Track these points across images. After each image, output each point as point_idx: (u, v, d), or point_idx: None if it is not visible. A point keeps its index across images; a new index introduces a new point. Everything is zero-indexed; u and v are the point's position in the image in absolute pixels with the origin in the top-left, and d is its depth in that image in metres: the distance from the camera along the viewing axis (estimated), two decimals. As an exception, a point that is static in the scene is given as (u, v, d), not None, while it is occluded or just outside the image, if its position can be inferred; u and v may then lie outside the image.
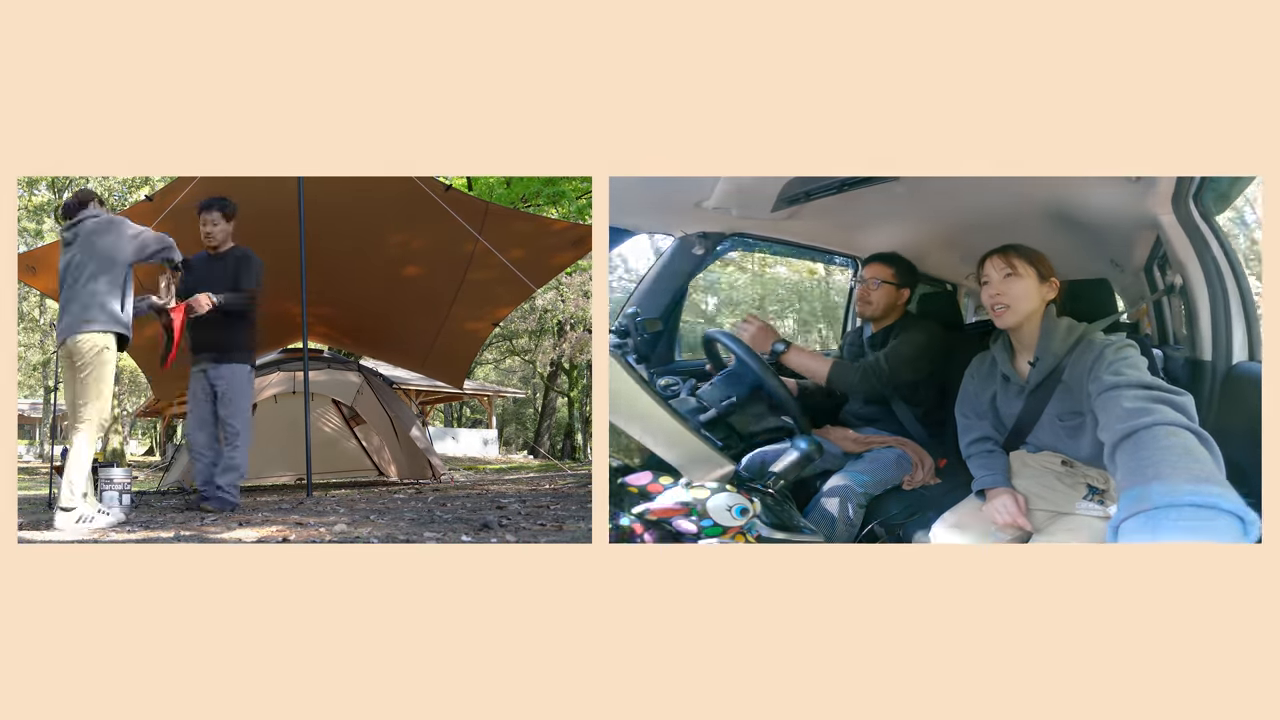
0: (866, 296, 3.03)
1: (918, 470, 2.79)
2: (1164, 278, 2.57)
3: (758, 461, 2.13)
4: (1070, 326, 2.17)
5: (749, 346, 2.66)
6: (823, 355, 3.13)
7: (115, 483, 3.50)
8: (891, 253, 3.09)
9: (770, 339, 2.87)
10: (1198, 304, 2.38)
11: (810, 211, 3.15)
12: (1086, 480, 2.11)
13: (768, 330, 2.91)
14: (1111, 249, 2.76)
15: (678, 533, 1.76)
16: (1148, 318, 2.72)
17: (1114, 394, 1.82)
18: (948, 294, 3.71)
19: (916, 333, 2.91)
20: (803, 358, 2.93)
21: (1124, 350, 1.98)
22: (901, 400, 3.00)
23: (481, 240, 5.40)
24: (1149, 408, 1.70)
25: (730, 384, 2.57)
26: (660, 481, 1.79)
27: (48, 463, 6.35)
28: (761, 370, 2.54)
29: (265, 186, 5.03)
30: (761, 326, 2.92)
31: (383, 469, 7.90)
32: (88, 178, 13.68)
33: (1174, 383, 1.86)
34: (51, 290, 5.53)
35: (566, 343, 16.93)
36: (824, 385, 2.92)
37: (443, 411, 23.75)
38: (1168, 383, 1.82)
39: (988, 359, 2.42)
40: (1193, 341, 2.42)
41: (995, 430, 2.38)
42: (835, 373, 2.87)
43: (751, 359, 2.55)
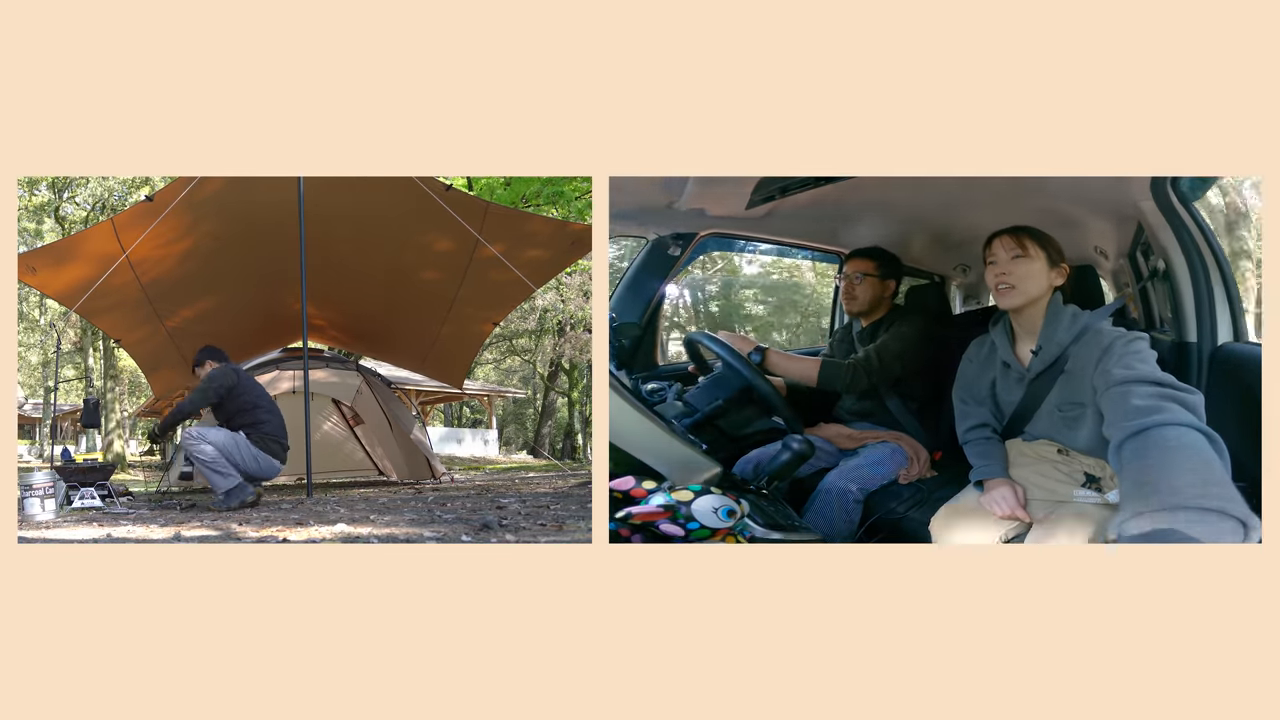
0: (851, 292, 3.01)
1: (913, 464, 2.79)
2: (1147, 263, 2.58)
3: (751, 464, 2.12)
4: (1075, 314, 2.12)
5: (730, 347, 2.63)
6: (804, 357, 3.09)
7: (35, 488, 3.57)
8: (872, 247, 3.07)
9: (745, 347, 2.79)
10: (1181, 288, 2.39)
11: (788, 208, 3.14)
12: (1084, 468, 2.09)
13: (737, 339, 2.83)
14: (1094, 237, 2.77)
15: (664, 536, 1.74)
16: (1134, 303, 2.72)
17: (1123, 389, 1.78)
18: (935, 285, 3.70)
19: (905, 326, 2.90)
20: (785, 362, 2.87)
21: (1135, 344, 1.93)
22: (895, 395, 2.99)
23: (481, 240, 5.40)
24: (1159, 405, 1.67)
25: (716, 386, 2.56)
26: (643, 485, 1.78)
27: (48, 463, 6.35)
28: (748, 371, 2.53)
29: (266, 186, 5.04)
30: (727, 337, 2.80)
31: (383, 469, 7.91)
32: (87, 178, 13.69)
33: (1162, 367, 1.84)
34: (52, 290, 5.54)
35: (567, 343, 16.93)
36: (815, 387, 2.89)
37: (443, 411, 23.75)
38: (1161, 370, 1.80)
39: (986, 343, 2.38)
40: (1178, 325, 2.41)
41: (993, 417, 2.34)
42: (826, 373, 2.85)
43: (736, 360, 2.53)
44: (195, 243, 5.57)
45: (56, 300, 5.89)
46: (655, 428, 1.98)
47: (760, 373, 2.61)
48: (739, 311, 5.79)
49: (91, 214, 15.19)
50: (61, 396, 21.75)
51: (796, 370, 2.89)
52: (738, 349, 2.69)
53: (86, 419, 4.50)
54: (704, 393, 2.62)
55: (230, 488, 3.91)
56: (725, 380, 2.52)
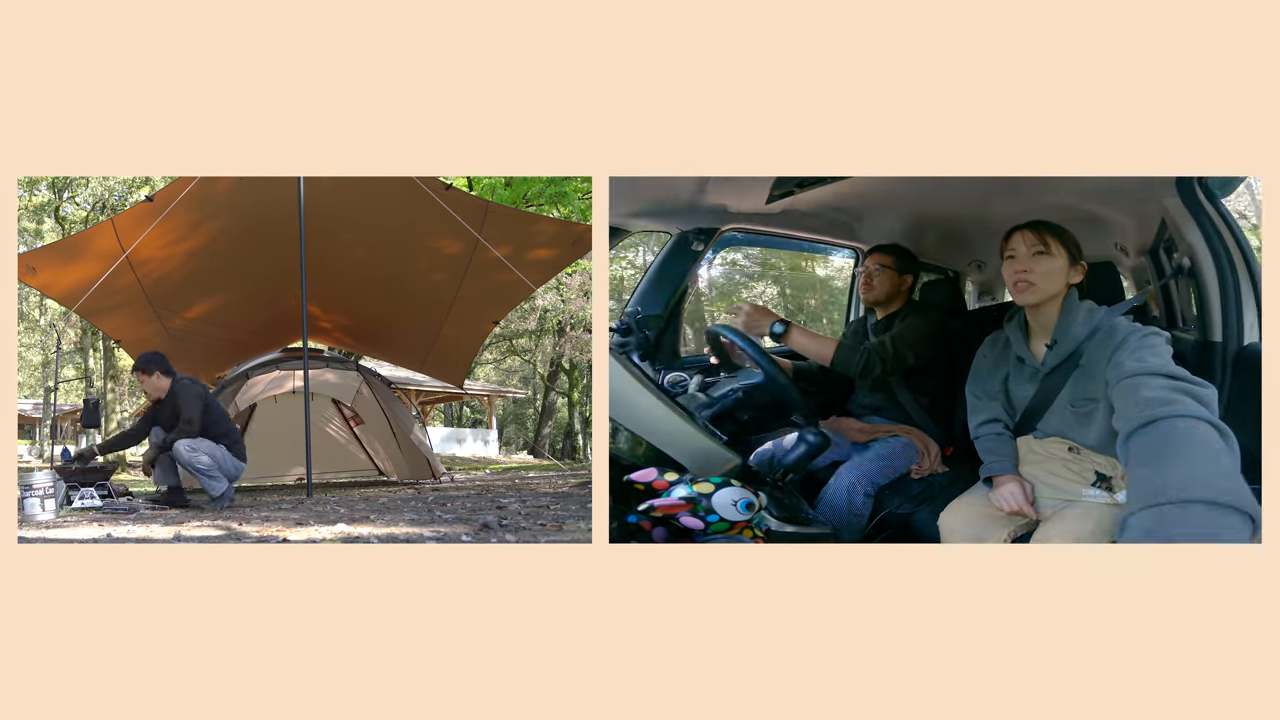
0: (869, 283, 3.07)
1: (924, 458, 2.80)
2: (1170, 261, 2.53)
3: (767, 455, 2.13)
4: (1091, 310, 2.11)
5: (753, 341, 2.65)
6: (823, 336, 3.11)
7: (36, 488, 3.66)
8: (892, 244, 3.12)
9: (767, 319, 2.84)
10: (1207, 286, 2.33)
11: (806, 204, 3.17)
12: (1095, 467, 2.08)
13: (762, 311, 2.88)
14: (1116, 234, 2.75)
15: (685, 529, 1.76)
16: (1155, 301, 2.69)
17: (1135, 381, 1.76)
18: (949, 280, 3.73)
19: (919, 318, 2.92)
20: (805, 339, 2.88)
21: (1149, 338, 1.91)
22: (906, 389, 3.01)
23: (481, 240, 5.40)
24: (1170, 398, 1.65)
25: (737, 379, 2.57)
26: (665, 478, 1.79)
27: (48, 463, 6.35)
28: (768, 365, 2.53)
29: (266, 186, 5.04)
30: (753, 309, 2.88)
31: (383, 469, 7.91)
32: (87, 178, 13.69)
33: (1185, 366, 1.81)
34: (52, 290, 5.54)
35: (567, 343, 16.93)
36: (828, 366, 2.90)
37: (443, 411, 23.76)
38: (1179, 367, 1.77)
39: (1001, 338, 2.37)
40: (1203, 324, 2.37)
41: (1005, 413, 2.33)
42: (840, 356, 2.85)
43: (755, 352, 2.54)
44: (198, 243, 5.57)
45: (57, 300, 5.89)
46: (678, 418, 1.99)
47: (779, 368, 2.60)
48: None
49: (91, 214, 15.20)
50: (62, 396, 21.76)
51: (814, 347, 2.90)
52: (760, 320, 2.75)
53: (86, 419, 4.52)
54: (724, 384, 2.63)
55: (223, 491, 4.28)
56: (745, 372, 2.53)
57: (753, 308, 2.88)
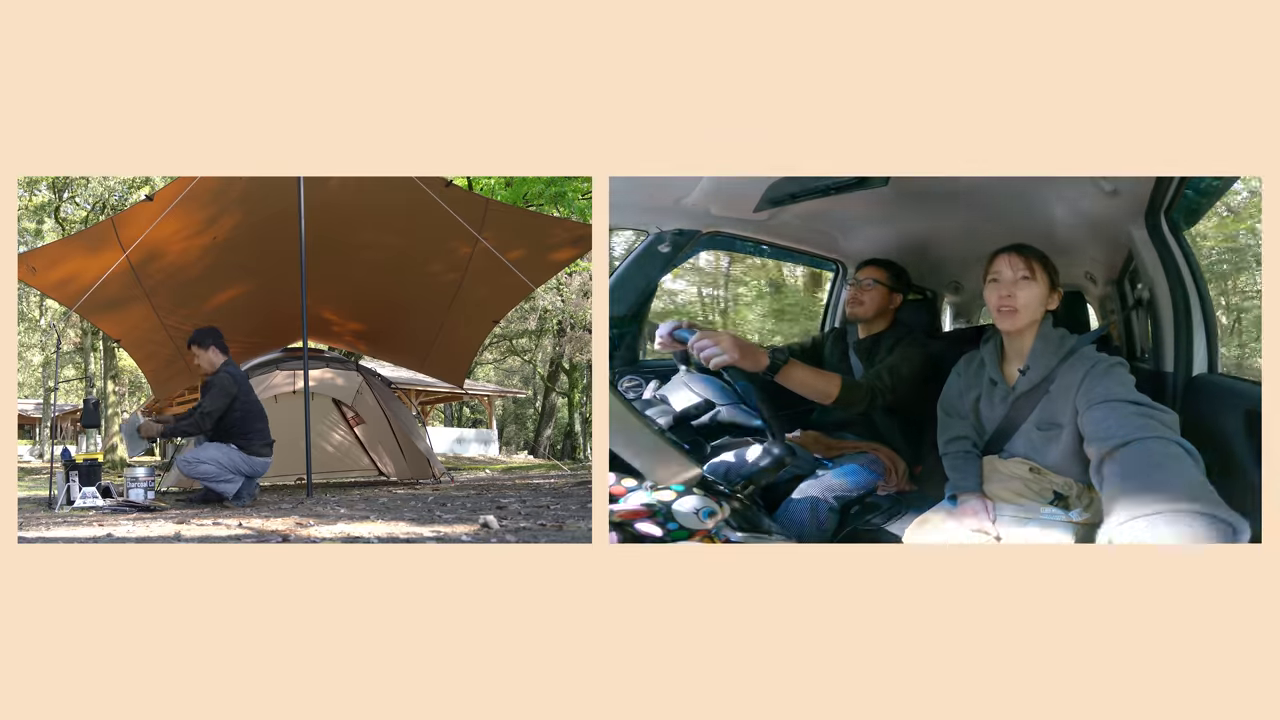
0: (859, 298, 2.99)
1: (891, 475, 2.76)
2: (1133, 291, 2.59)
3: (722, 468, 2.08)
4: (1064, 337, 2.16)
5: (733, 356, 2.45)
6: (825, 373, 2.83)
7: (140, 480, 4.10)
8: (888, 259, 3.05)
9: (761, 356, 2.42)
10: (1162, 317, 2.41)
11: (792, 213, 3.13)
12: (1053, 486, 2.12)
13: (746, 346, 2.41)
14: (1086, 263, 2.77)
15: (642, 536, 1.72)
16: (1116, 330, 2.72)
17: (1106, 408, 1.85)
18: (927, 301, 3.64)
19: (914, 350, 2.82)
20: (807, 375, 2.60)
21: (1115, 369, 2.00)
22: (882, 409, 2.94)
23: (481, 239, 5.40)
24: (1143, 422, 1.74)
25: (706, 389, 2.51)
26: (623, 484, 1.76)
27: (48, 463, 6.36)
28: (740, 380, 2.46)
29: (266, 186, 5.04)
30: (733, 340, 2.38)
31: (383, 469, 7.91)
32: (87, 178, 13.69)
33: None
34: (53, 291, 5.54)
35: (567, 342, 16.93)
36: (827, 404, 2.67)
37: (443, 411, 23.76)
38: None
39: (975, 359, 2.40)
40: (1157, 355, 2.44)
41: (974, 431, 2.36)
42: (846, 394, 2.64)
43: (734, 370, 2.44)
44: (201, 243, 5.57)
45: (57, 301, 5.89)
46: (636, 423, 1.94)
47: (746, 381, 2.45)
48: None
49: (91, 214, 15.19)
50: (62, 397, 21.76)
51: (816, 385, 2.64)
52: (754, 357, 2.39)
53: (87, 419, 4.50)
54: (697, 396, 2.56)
55: (238, 489, 4.24)
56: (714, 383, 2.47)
57: (732, 339, 2.39)
